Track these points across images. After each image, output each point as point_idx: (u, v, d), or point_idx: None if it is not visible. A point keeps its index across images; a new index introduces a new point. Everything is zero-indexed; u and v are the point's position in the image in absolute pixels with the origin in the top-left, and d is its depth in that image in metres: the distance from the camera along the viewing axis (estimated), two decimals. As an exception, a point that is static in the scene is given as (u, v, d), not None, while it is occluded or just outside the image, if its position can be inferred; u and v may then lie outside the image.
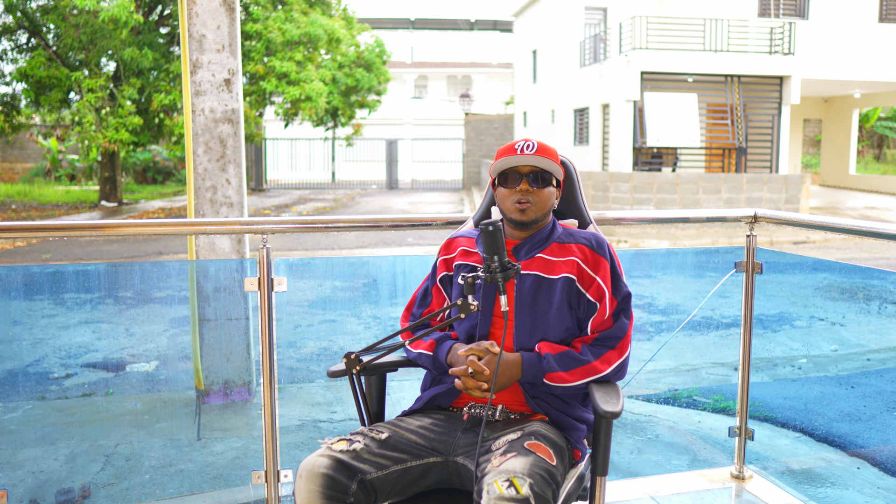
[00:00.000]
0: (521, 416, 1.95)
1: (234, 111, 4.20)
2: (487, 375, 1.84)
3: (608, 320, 1.98)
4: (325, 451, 1.77)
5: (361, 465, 1.76)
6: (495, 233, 1.80)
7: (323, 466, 1.72)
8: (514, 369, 1.89)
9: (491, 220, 1.82)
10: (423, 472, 1.84)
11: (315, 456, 1.76)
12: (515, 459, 1.69)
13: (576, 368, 1.91)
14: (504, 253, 1.81)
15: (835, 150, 25.60)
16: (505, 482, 1.61)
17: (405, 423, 1.91)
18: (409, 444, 1.85)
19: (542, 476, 1.66)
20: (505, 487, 1.60)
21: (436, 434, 1.89)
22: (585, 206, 2.26)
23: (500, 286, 1.81)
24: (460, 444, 1.87)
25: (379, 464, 1.78)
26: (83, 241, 13.29)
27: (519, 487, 1.60)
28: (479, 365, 1.84)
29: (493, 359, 1.86)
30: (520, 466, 1.66)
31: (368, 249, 12.38)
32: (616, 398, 1.84)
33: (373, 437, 1.83)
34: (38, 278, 3.46)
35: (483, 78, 40.57)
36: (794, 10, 19.28)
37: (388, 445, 1.83)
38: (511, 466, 1.66)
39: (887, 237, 2.44)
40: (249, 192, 25.08)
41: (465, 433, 1.89)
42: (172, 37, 18.16)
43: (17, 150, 27.01)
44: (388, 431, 1.86)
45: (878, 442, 3.66)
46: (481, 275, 1.82)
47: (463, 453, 1.85)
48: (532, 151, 1.98)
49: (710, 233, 14.13)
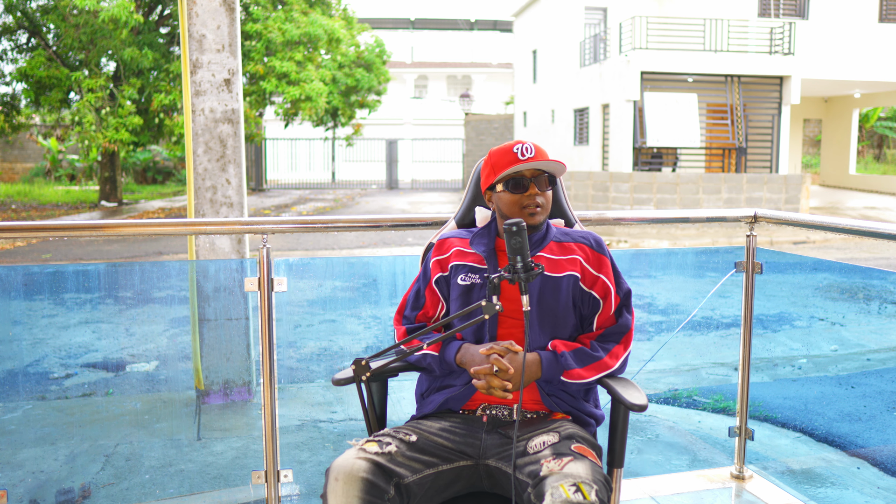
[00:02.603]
0: (538, 416, 1.95)
1: (234, 111, 4.20)
2: (512, 374, 1.83)
3: (612, 316, 2.01)
4: (359, 454, 1.72)
5: (397, 469, 1.73)
6: (520, 233, 1.79)
7: (362, 470, 1.68)
8: (534, 368, 1.90)
9: (515, 220, 1.80)
10: (455, 476, 1.83)
11: (352, 459, 1.71)
12: (575, 464, 1.68)
13: (591, 364, 1.93)
14: (528, 253, 1.80)
15: (835, 150, 25.60)
16: (571, 486, 1.61)
17: (425, 426, 1.89)
18: (437, 447, 1.83)
19: (604, 483, 1.68)
20: (572, 492, 1.59)
21: (460, 437, 1.87)
22: (569, 206, 2.30)
23: (524, 286, 1.80)
24: (488, 447, 1.85)
25: (413, 467, 1.76)
26: (83, 241, 13.29)
27: (586, 494, 1.60)
28: (504, 363, 1.82)
29: (514, 357, 1.86)
30: (584, 472, 1.66)
31: (368, 249, 12.38)
32: (637, 391, 1.88)
33: (402, 440, 1.81)
34: (38, 278, 3.46)
35: (483, 78, 40.56)
36: (794, 10, 19.28)
37: (418, 448, 1.80)
38: (575, 471, 1.66)
39: (887, 237, 2.44)
40: (249, 192, 25.08)
41: (488, 435, 1.88)
42: (172, 37, 18.16)
43: (17, 150, 27.01)
44: (415, 434, 1.84)
45: (878, 442, 3.66)
46: (506, 275, 1.80)
47: (494, 455, 1.83)
48: (532, 154, 1.98)
49: (710, 233, 14.14)
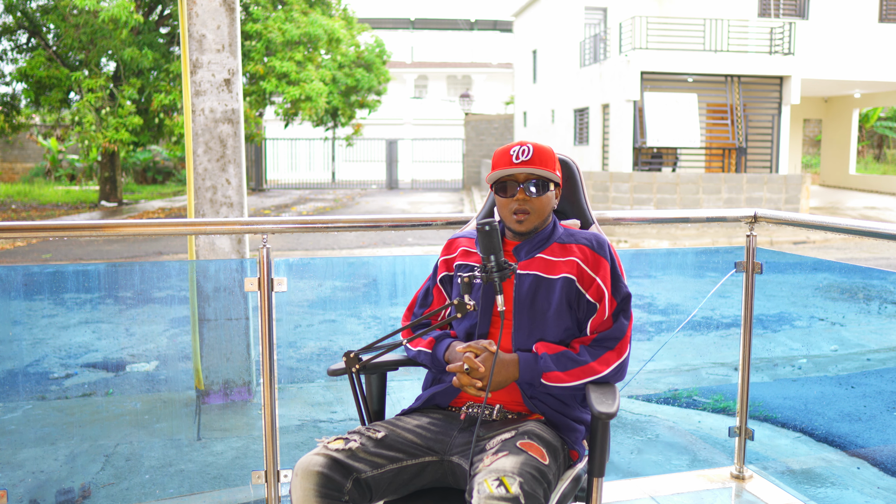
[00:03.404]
0: (517, 416, 1.95)
1: (234, 111, 4.20)
2: (483, 373, 1.84)
3: (608, 321, 1.97)
4: (320, 450, 1.77)
5: (356, 464, 1.76)
6: (491, 233, 1.80)
7: (318, 465, 1.73)
8: (511, 368, 1.89)
9: (488, 220, 1.81)
10: (419, 472, 1.85)
11: (311, 455, 1.76)
12: (506, 458, 1.69)
13: (573, 369, 1.90)
14: (501, 253, 1.81)
15: (835, 150, 25.60)
16: (495, 481, 1.61)
17: (403, 423, 1.92)
18: (406, 443, 1.85)
19: (533, 475, 1.66)
20: (495, 486, 1.60)
21: (432, 433, 1.89)
22: (588, 207, 2.25)
23: (497, 286, 1.81)
24: (456, 444, 1.87)
25: (374, 462, 1.79)
26: (83, 241, 13.29)
27: (508, 486, 1.59)
28: (474, 362, 1.84)
29: (489, 357, 1.87)
30: (510, 465, 1.66)
31: (368, 249, 12.38)
32: (612, 399, 1.83)
33: (369, 437, 1.84)
34: (38, 278, 3.46)
35: (483, 78, 40.56)
36: (794, 10, 19.28)
37: (384, 444, 1.83)
38: (501, 465, 1.66)
39: (887, 237, 2.44)
40: (249, 192, 25.08)
41: (461, 432, 1.89)
42: (172, 37, 18.16)
43: (17, 150, 27.01)
44: (385, 430, 1.87)
45: (878, 442, 3.66)
46: (479, 274, 1.81)
47: (458, 452, 1.85)
48: (527, 157, 1.96)
49: (710, 233, 14.13)
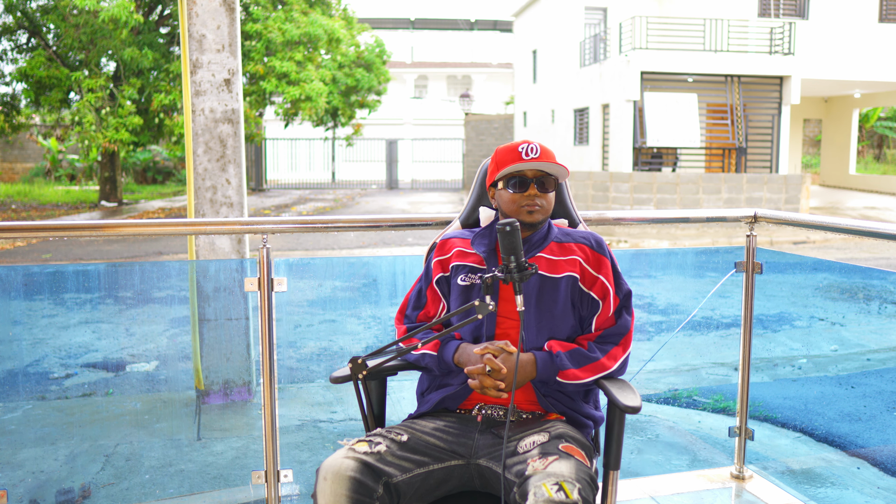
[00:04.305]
0: (533, 416, 1.95)
1: (234, 111, 4.20)
2: (505, 374, 1.83)
3: (611, 317, 1.99)
4: (348, 454, 1.73)
5: (386, 468, 1.73)
6: (513, 233, 1.78)
7: (350, 469, 1.69)
8: (529, 368, 1.89)
9: (508, 220, 1.80)
10: (446, 476, 1.83)
11: (339, 458, 1.71)
12: (559, 463, 1.68)
13: (587, 365, 1.92)
14: (521, 253, 1.79)
15: (835, 150, 25.60)
16: (554, 485, 1.60)
17: (419, 426, 1.89)
18: (429, 447, 1.83)
19: (588, 481, 1.67)
20: (554, 491, 1.59)
21: (452, 436, 1.87)
22: (573, 207, 2.29)
23: (517, 286, 1.79)
24: (480, 446, 1.85)
25: (402, 466, 1.76)
26: (83, 241, 13.29)
27: (569, 492, 1.59)
28: (497, 363, 1.82)
29: (508, 358, 1.85)
30: (567, 471, 1.65)
31: (368, 249, 12.38)
32: (633, 392, 1.87)
33: (392, 439, 1.81)
34: (38, 278, 3.46)
35: (483, 78, 40.56)
36: (794, 10, 19.28)
37: (409, 448, 1.80)
38: (559, 470, 1.65)
39: (887, 237, 2.44)
40: (249, 192, 25.08)
41: (482, 435, 1.88)
42: (172, 37, 18.16)
43: (17, 150, 27.01)
44: (407, 434, 1.84)
45: (878, 442, 3.66)
46: (499, 275, 1.79)
47: (485, 455, 1.83)
48: (537, 155, 1.99)
49: (710, 233, 14.14)
